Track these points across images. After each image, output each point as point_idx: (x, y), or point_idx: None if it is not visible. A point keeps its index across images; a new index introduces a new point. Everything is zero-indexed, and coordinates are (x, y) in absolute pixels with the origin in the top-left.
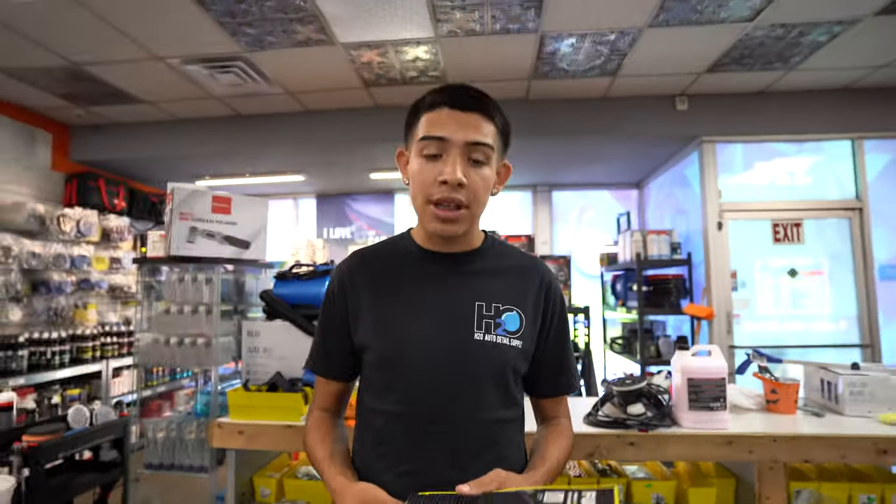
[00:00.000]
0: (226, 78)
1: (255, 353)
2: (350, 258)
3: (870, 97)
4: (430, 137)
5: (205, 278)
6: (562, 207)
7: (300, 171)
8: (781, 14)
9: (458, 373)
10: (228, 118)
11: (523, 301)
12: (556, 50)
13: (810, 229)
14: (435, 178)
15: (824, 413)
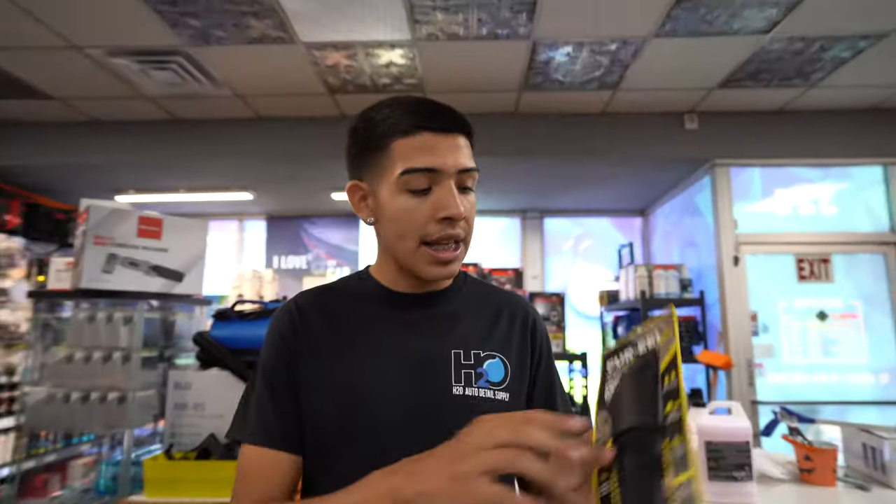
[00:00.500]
0: (162, 75)
1: (183, 411)
2: (302, 296)
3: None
4: (417, 170)
5: (123, 317)
6: (555, 237)
7: (248, 187)
8: (800, 26)
9: (435, 436)
10: (162, 122)
11: (507, 345)
12: (550, 59)
13: (840, 266)
14: (431, 215)
15: (870, 486)
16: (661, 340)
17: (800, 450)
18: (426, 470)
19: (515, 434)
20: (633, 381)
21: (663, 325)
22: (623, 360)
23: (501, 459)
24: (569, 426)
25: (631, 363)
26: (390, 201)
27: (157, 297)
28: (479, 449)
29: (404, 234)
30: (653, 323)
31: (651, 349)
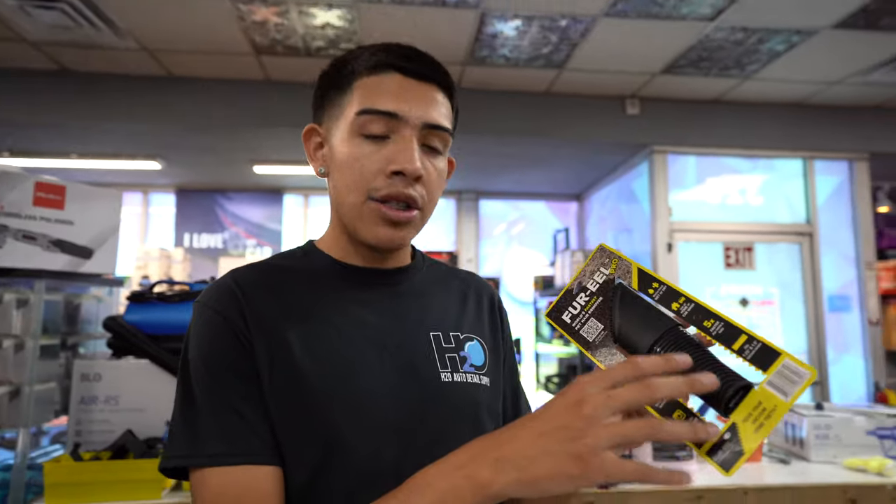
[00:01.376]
0: (48, 16)
1: (92, 406)
2: (238, 273)
3: (822, 115)
4: (376, 111)
5: (16, 299)
6: (490, 220)
7: (156, 155)
8: (743, 16)
9: (431, 431)
10: (48, 73)
11: (480, 327)
12: (498, 32)
13: (761, 254)
14: (382, 166)
15: (790, 459)
16: (613, 270)
17: None
18: (531, 449)
19: (644, 391)
20: (619, 312)
21: (605, 259)
22: (579, 304)
23: (634, 430)
24: (679, 364)
25: (593, 302)
26: (342, 146)
27: (60, 276)
28: (603, 417)
29: (350, 186)
30: (588, 265)
31: (609, 280)
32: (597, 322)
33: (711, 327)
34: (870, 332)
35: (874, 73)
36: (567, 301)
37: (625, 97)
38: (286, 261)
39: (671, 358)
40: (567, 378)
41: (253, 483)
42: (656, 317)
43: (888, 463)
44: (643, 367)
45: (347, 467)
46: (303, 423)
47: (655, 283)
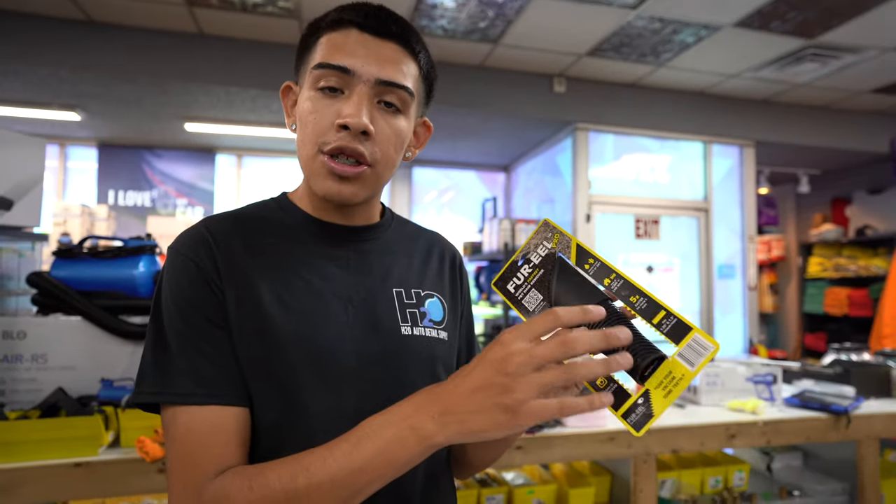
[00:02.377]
0: None
1: (17, 364)
2: (211, 221)
3: (720, 104)
4: (328, 66)
5: None
6: (422, 187)
7: (75, 106)
8: (661, 7)
9: (390, 379)
10: None
11: (441, 285)
12: (438, 2)
13: (666, 227)
14: (332, 119)
15: (686, 404)
16: (555, 245)
17: None
18: (468, 405)
19: (561, 348)
20: (556, 284)
21: (548, 234)
22: (523, 275)
23: (553, 378)
24: (594, 315)
25: (536, 274)
26: (303, 101)
27: None
28: (526, 373)
29: (305, 139)
30: (533, 238)
31: (550, 253)
32: (537, 293)
33: (636, 302)
34: (748, 296)
35: (763, 69)
36: (512, 272)
37: (553, 75)
38: (260, 211)
39: (588, 310)
40: (492, 337)
41: (219, 422)
42: (589, 291)
43: (760, 403)
44: (562, 317)
45: (310, 409)
46: (269, 367)
47: (591, 258)
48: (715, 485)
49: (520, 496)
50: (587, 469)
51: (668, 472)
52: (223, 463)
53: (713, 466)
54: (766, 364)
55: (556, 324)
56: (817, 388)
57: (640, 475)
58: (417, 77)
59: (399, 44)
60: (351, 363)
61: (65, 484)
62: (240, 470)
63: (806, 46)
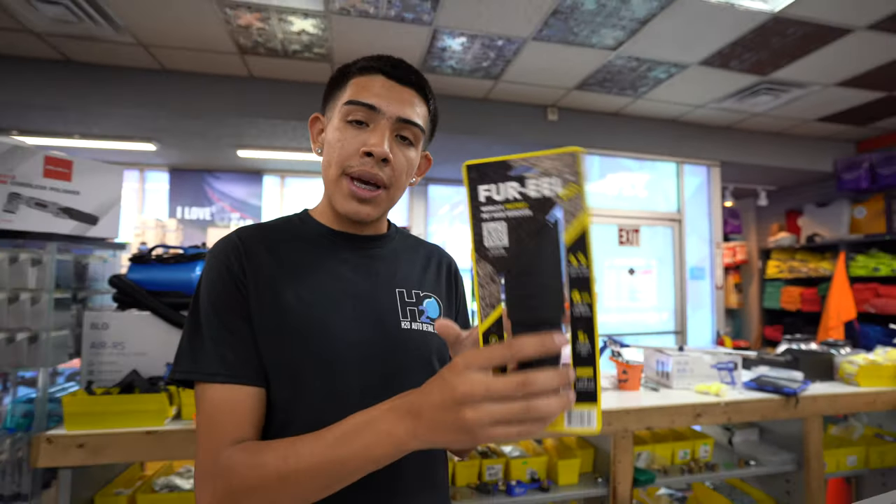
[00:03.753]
0: (51, 10)
1: (101, 350)
2: (243, 231)
3: (690, 130)
4: (359, 103)
5: (30, 258)
6: (437, 202)
7: (151, 138)
8: (637, 48)
9: (389, 366)
10: (53, 63)
11: (438, 288)
12: (446, 46)
13: (645, 235)
14: (357, 147)
15: (659, 388)
16: (565, 194)
17: (620, 367)
18: (434, 419)
19: (520, 389)
20: (528, 243)
21: (567, 173)
22: (505, 194)
23: (510, 415)
24: (553, 347)
25: (520, 207)
26: (332, 129)
27: (69, 239)
28: (482, 404)
29: (331, 162)
30: (549, 160)
31: (548, 199)
32: (505, 234)
33: (580, 343)
34: (716, 294)
35: (725, 101)
36: (496, 175)
37: (547, 106)
38: (284, 224)
39: (546, 344)
40: None
41: (237, 399)
42: (555, 297)
43: (723, 387)
44: (522, 352)
45: (318, 389)
46: (283, 351)
47: (584, 257)
48: (684, 456)
49: (516, 466)
50: (574, 443)
51: (644, 445)
52: (238, 435)
53: (682, 441)
54: (729, 353)
55: (513, 359)
56: (772, 374)
57: (619, 448)
58: (426, 118)
59: (416, 90)
60: (355, 350)
61: (138, 448)
62: (247, 446)
63: (760, 82)
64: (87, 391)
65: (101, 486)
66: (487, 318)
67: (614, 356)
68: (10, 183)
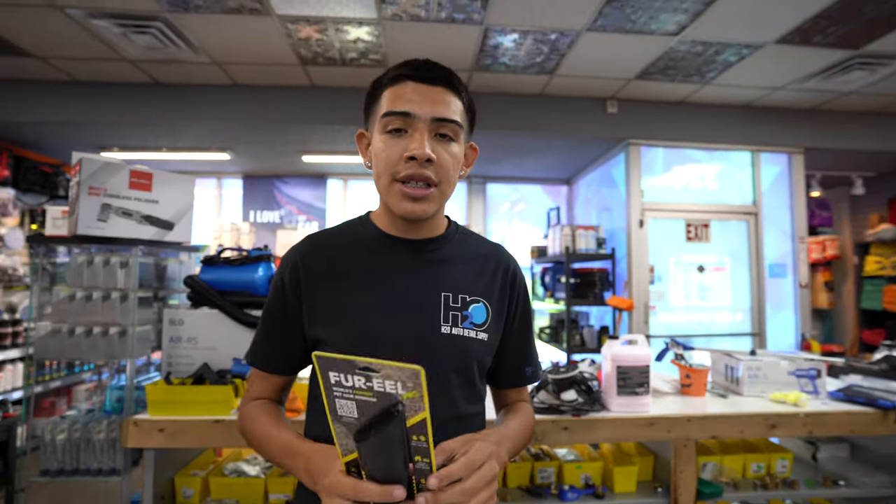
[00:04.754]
0: (142, 39)
1: (178, 344)
2: (302, 243)
3: (767, 115)
4: (393, 113)
5: (119, 261)
6: (495, 200)
7: (225, 148)
8: (702, 32)
9: (426, 366)
10: (143, 85)
11: (490, 291)
12: (498, 44)
13: (716, 230)
14: (401, 154)
15: (728, 394)
16: (407, 396)
17: (683, 370)
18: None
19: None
20: (376, 425)
21: (409, 382)
22: (353, 382)
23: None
24: (396, 500)
25: (366, 395)
26: (376, 142)
27: (150, 243)
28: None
29: (381, 172)
30: (393, 370)
31: (392, 395)
32: (355, 409)
33: (419, 486)
34: (800, 293)
35: (809, 81)
36: (345, 368)
37: (605, 98)
38: (345, 229)
39: (389, 498)
40: (557, 329)
41: (263, 378)
42: (399, 462)
43: (802, 396)
44: (371, 499)
45: None
46: (337, 343)
47: (424, 436)
48: (757, 470)
49: (569, 470)
50: (633, 449)
51: (710, 456)
52: (264, 396)
53: (755, 453)
54: (811, 359)
55: (368, 500)
56: (865, 384)
57: (680, 457)
58: (462, 111)
59: (445, 87)
60: (392, 351)
61: (207, 434)
62: (262, 406)
63: (852, 57)
64: (166, 381)
65: (180, 467)
66: (346, 457)
67: (676, 359)
68: (102, 195)
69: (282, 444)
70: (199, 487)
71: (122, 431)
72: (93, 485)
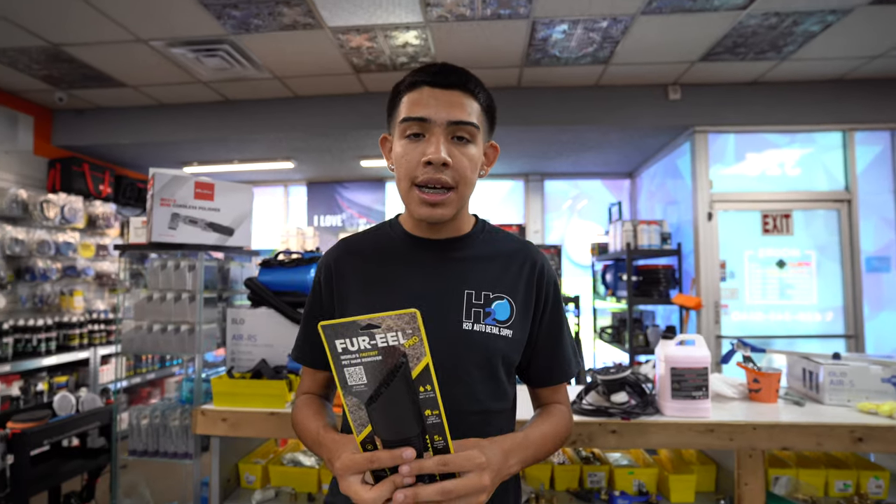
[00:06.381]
0: (212, 62)
1: (240, 341)
2: (336, 246)
3: (862, 88)
4: (411, 119)
5: (188, 265)
6: (553, 197)
7: (290, 157)
8: (775, 2)
9: (446, 365)
10: (216, 103)
11: (514, 288)
12: (547, 36)
13: (799, 220)
14: (419, 158)
15: (805, 402)
16: (408, 343)
17: (750, 374)
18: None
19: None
20: (388, 391)
21: (409, 329)
22: (359, 344)
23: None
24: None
25: (371, 355)
26: (396, 147)
27: (213, 248)
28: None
29: (401, 176)
30: (392, 319)
31: (393, 347)
32: (364, 375)
33: (436, 441)
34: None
35: None
36: (349, 331)
37: (667, 84)
38: (377, 230)
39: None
40: (619, 329)
41: (315, 376)
42: (410, 419)
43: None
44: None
45: None
46: None
47: (430, 385)
48: (843, 489)
49: (621, 476)
50: (693, 457)
51: (784, 469)
52: (311, 391)
53: (840, 469)
54: None
55: (376, 468)
56: None
57: (745, 469)
58: (479, 111)
59: (461, 90)
60: None
61: (264, 426)
62: (304, 401)
63: None
64: (229, 375)
65: (244, 454)
66: (361, 433)
67: (744, 362)
68: (172, 206)
69: (312, 434)
70: (259, 474)
71: (192, 420)
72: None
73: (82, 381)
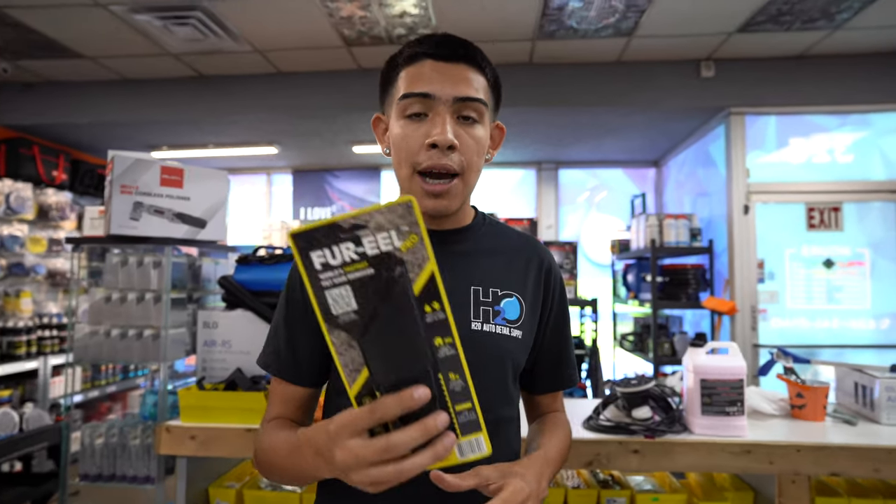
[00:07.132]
0: (183, 31)
1: (212, 347)
2: None
3: None
4: (412, 95)
5: (152, 261)
6: (569, 188)
7: (273, 142)
8: None
9: None
10: (188, 79)
11: (523, 286)
12: (563, 5)
13: (850, 214)
14: (422, 141)
15: (857, 421)
16: (406, 246)
17: (792, 388)
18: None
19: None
20: (377, 303)
21: (404, 224)
22: (341, 256)
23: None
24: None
25: (360, 268)
26: (394, 128)
27: (182, 242)
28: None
29: (401, 161)
30: (383, 214)
31: (388, 254)
32: (352, 298)
33: (452, 381)
34: None
35: None
36: (329, 238)
37: (699, 60)
38: None
39: (406, 401)
40: (642, 336)
41: (292, 394)
42: (417, 351)
43: None
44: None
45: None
46: None
47: (438, 303)
48: None
49: (643, 502)
50: (727, 482)
51: (834, 498)
52: (279, 415)
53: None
54: None
55: (380, 422)
56: None
57: (787, 496)
58: (487, 88)
59: (467, 63)
60: None
61: (239, 444)
62: (274, 424)
63: None
64: (199, 386)
65: (216, 477)
66: (355, 383)
67: (785, 374)
68: (134, 193)
69: (287, 443)
70: (233, 500)
71: (155, 438)
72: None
73: (29, 395)
